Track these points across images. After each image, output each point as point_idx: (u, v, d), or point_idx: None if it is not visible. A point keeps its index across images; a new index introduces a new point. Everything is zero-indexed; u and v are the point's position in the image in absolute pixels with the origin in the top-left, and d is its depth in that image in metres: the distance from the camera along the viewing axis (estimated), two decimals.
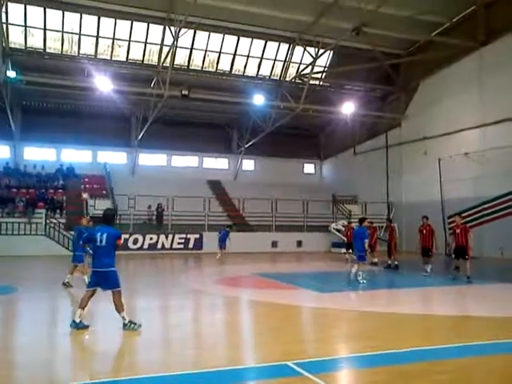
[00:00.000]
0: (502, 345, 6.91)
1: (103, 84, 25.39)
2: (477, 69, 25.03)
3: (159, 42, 26.13)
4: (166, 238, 27.23)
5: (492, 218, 23.10)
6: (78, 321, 7.44)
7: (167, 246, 27.08)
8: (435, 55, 27.11)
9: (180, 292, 12.43)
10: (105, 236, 7.58)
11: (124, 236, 26.57)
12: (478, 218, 23.41)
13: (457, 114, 26.14)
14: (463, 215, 20.47)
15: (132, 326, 7.48)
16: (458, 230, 14.37)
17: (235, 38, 28.37)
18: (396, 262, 17.95)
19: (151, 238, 26.99)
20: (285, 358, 5.94)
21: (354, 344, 7.12)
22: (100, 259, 7.59)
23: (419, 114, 29.33)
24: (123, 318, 7.52)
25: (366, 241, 14.01)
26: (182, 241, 27.48)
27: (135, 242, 26.43)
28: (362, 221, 14.66)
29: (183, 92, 26.23)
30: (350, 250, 21.77)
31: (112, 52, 27.93)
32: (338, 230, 28.97)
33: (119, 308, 7.55)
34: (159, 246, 26.92)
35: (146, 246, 26.64)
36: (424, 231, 15.89)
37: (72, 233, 24.50)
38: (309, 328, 8.85)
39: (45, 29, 25.98)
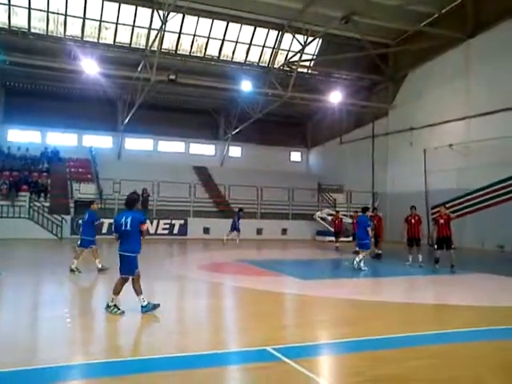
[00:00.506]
0: (480, 332, 7.09)
1: (90, 67, 25.04)
2: (464, 60, 25.15)
3: (147, 26, 25.77)
4: (151, 223, 27.14)
5: (474, 209, 23.37)
6: (111, 304, 7.55)
7: (152, 231, 26.97)
8: (423, 46, 27.13)
9: (164, 277, 12.45)
10: (129, 220, 7.49)
11: (109, 221, 26.50)
12: (461, 210, 23.66)
13: (443, 105, 26.29)
14: (446, 206, 20.76)
15: (114, 309, 7.52)
16: (441, 221, 14.32)
17: (224, 23, 28.12)
18: (379, 251, 18.10)
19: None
20: (264, 343, 6.02)
21: (335, 330, 7.22)
22: (122, 243, 7.59)
23: (406, 105, 29.45)
24: (142, 299, 7.61)
25: (369, 229, 14.29)
26: (167, 226, 27.44)
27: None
28: (364, 210, 14.97)
29: (170, 77, 26.06)
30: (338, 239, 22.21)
31: (99, 34, 27.53)
32: (323, 219, 29.17)
33: (136, 291, 7.63)
34: None
35: None
36: (412, 221, 15.80)
37: (56, 216, 24.48)
38: (290, 314, 8.96)
39: (29, 8, 25.49)
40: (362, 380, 4.90)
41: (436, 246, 14.45)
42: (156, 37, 25.27)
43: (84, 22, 26.68)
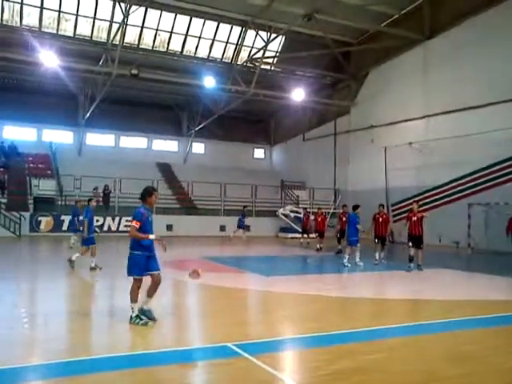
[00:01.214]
0: (438, 324, 7.33)
1: (48, 59, 24.30)
2: (422, 61, 25.76)
3: (109, 19, 25.29)
4: (113, 220, 26.79)
5: (432, 206, 23.99)
6: (133, 316, 6.80)
7: (114, 228, 26.66)
8: (384, 45, 27.66)
9: (124, 274, 12.29)
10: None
11: (69, 218, 25.95)
12: (419, 207, 24.20)
13: (403, 104, 26.86)
14: (405, 203, 21.28)
15: (137, 321, 6.77)
16: (414, 218, 13.84)
17: (187, 18, 27.90)
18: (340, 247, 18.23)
19: (97, 220, 26.37)
20: (226, 339, 6.04)
21: (296, 326, 7.31)
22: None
23: (368, 103, 29.94)
24: (132, 309, 6.89)
25: (359, 226, 14.49)
26: (129, 223, 27.00)
27: (81, 223, 25.79)
28: (355, 207, 15.00)
29: (133, 71, 25.69)
30: (306, 235, 22.27)
31: (58, 26, 26.82)
32: (286, 215, 29.38)
33: (152, 291, 7.03)
34: (105, 228, 26.44)
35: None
36: (380, 219, 15.63)
37: (14, 213, 23.82)
38: (252, 310, 9.00)
39: None
40: (323, 374, 4.97)
41: (410, 244, 13.86)
42: (118, 30, 24.87)
43: (42, 11, 25.89)
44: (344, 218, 17.89)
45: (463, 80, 23.04)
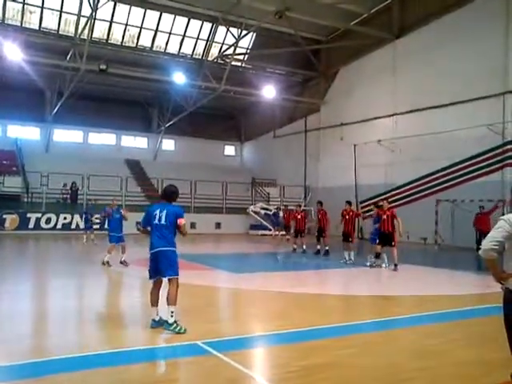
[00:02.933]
0: (406, 319, 7.51)
1: (12, 53, 23.61)
2: (391, 60, 26.11)
3: (76, 12, 24.77)
4: (81, 217, 26.30)
5: (400, 203, 24.38)
6: (170, 322, 6.29)
7: (82, 226, 26.15)
8: (354, 44, 27.96)
9: (96, 272, 12.17)
10: (164, 214, 6.55)
11: (36, 215, 25.50)
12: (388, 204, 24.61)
13: (372, 102, 27.18)
14: (374, 200, 21.55)
15: (177, 327, 6.28)
16: (384, 216, 13.71)
17: (157, 13, 27.61)
18: (326, 248, 17.59)
19: (65, 218, 26.07)
20: (195, 337, 6.02)
21: (266, 323, 7.33)
22: (156, 239, 6.58)
23: (337, 101, 30.19)
24: (171, 313, 6.31)
25: (376, 225, 14.25)
26: (98, 221, 26.65)
27: (48, 221, 25.42)
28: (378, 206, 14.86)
29: (101, 67, 25.22)
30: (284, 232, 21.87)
31: (22, 18, 26.12)
32: (257, 213, 29.43)
33: (171, 299, 6.42)
34: (73, 225, 26.03)
35: (59, 226, 25.73)
36: (347, 217, 15.49)
37: None
38: (221, 308, 9.01)
39: None
40: (292, 370, 5.01)
41: (377, 241, 13.90)
42: (86, 24, 24.41)
43: (5, 3, 25.13)
44: (319, 216, 17.79)
45: (431, 79, 23.46)
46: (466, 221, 20.40)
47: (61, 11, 26.12)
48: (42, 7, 25.80)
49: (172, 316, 6.28)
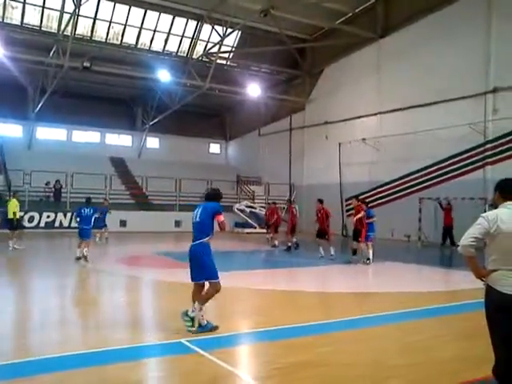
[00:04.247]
0: (387, 316, 7.55)
1: None
2: (376, 59, 26.26)
3: (59, 8, 24.51)
4: (65, 216, 26.14)
5: (384, 201, 24.58)
6: (191, 315, 6.18)
7: (65, 224, 26.01)
8: (339, 43, 28.05)
9: (79, 271, 12.09)
10: (200, 210, 6.43)
11: (19, 214, 25.16)
12: (372, 202, 24.79)
13: (356, 100, 27.31)
14: (360, 198, 21.68)
15: (188, 320, 6.14)
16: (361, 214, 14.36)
17: (142, 10, 27.42)
18: (295, 240, 18.28)
19: (48, 216, 25.80)
20: (179, 335, 6.03)
21: (249, 321, 7.37)
22: (193, 238, 6.46)
23: (322, 99, 30.28)
24: (194, 308, 6.17)
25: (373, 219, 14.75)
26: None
27: (31, 219, 25.13)
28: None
29: (85, 64, 24.96)
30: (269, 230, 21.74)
31: (4, 13, 25.70)
32: (242, 211, 29.44)
33: (201, 297, 6.29)
34: (57, 224, 25.80)
35: (42, 225, 25.45)
36: (318, 214, 15.84)
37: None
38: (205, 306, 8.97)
39: None
40: (276, 368, 5.05)
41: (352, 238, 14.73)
42: (69, 21, 24.15)
43: None
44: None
45: (414, 78, 23.65)
46: None
47: (43, 7, 25.79)
48: (24, 2, 25.44)
49: (193, 311, 6.16)
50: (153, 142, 38.50)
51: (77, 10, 23.13)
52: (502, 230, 3.79)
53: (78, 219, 13.69)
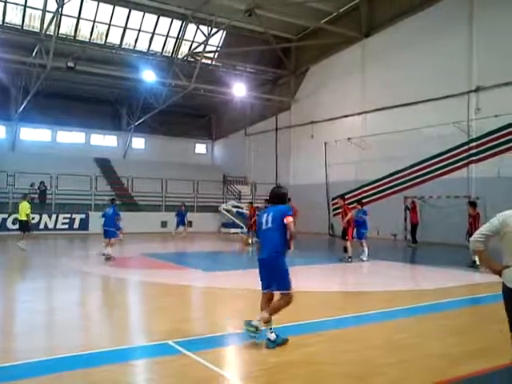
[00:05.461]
0: (375, 315, 7.60)
1: None
2: (360, 58, 26.40)
3: (41, 7, 24.22)
4: (50, 217, 25.89)
5: (370, 200, 24.71)
6: (255, 323, 5.80)
7: (51, 226, 25.78)
8: (324, 42, 28.16)
9: (65, 273, 11.98)
10: (270, 216, 5.92)
11: (2, 216, 24.90)
12: (358, 201, 24.92)
13: (341, 100, 27.44)
14: (346, 197, 21.79)
15: (256, 332, 5.77)
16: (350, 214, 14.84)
17: (126, 10, 27.24)
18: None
19: (33, 218, 25.41)
20: (166, 337, 6.00)
21: (237, 321, 7.32)
22: (263, 248, 5.99)
23: (307, 99, 30.37)
24: (260, 318, 5.79)
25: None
26: (67, 221, 26.29)
27: (15, 222, 24.72)
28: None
29: (69, 64, 24.71)
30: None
31: None
32: (228, 211, 29.40)
33: (271, 307, 5.89)
34: (42, 226, 25.52)
35: (18, 226, 25.13)
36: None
37: None
38: (192, 307, 8.98)
39: None
40: (264, 368, 5.04)
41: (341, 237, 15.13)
42: (52, 20, 23.88)
43: None
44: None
45: (398, 78, 23.82)
46: (433, 217, 20.87)
47: (25, 6, 25.46)
48: (6, 1, 25.08)
49: (259, 320, 5.77)
50: (138, 143, 38.29)
51: (60, 10, 22.90)
52: (510, 228, 3.96)
53: (103, 220, 14.27)
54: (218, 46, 30.98)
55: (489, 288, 9.02)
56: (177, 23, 28.80)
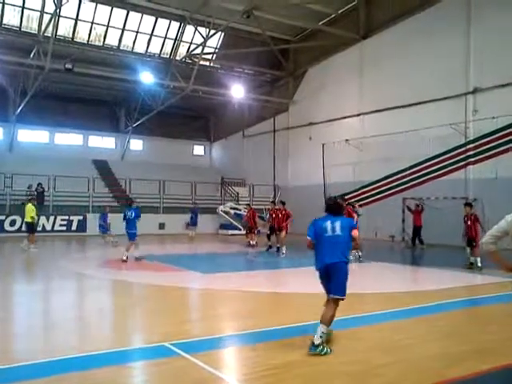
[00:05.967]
0: (373, 316, 7.66)
1: None
2: (358, 60, 26.45)
3: (39, 9, 24.16)
4: (47, 219, 25.86)
5: (368, 201, 24.73)
6: (316, 343, 5.57)
7: (48, 227, 25.74)
8: (322, 44, 28.20)
9: (62, 275, 11.97)
10: (338, 224, 6.06)
11: (0, 217, 24.86)
12: (356, 202, 24.93)
13: (339, 101, 27.47)
14: (345, 198, 21.82)
15: (323, 349, 5.58)
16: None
17: (124, 12, 27.25)
18: (278, 245, 18.03)
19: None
20: (163, 339, 5.99)
21: (235, 323, 7.34)
22: (324, 253, 6.09)
23: (306, 100, 30.39)
24: (321, 333, 5.65)
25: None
26: (65, 223, 26.27)
27: (12, 223, 24.81)
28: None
29: (67, 66, 24.64)
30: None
31: None
32: (226, 213, 29.38)
33: (325, 319, 5.91)
34: (39, 227, 25.45)
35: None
36: (274, 215, 18.08)
37: None
38: (190, 309, 8.97)
39: None
40: (262, 370, 5.03)
41: None
42: (50, 21, 23.87)
43: None
44: (274, 215, 18.32)
45: (396, 79, 23.89)
46: (431, 219, 20.83)
47: (23, 7, 25.46)
48: (4, 3, 25.07)
49: (321, 337, 5.63)
50: (136, 144, 38.29)
51: (58, 11, 22.89)
52: None
53: (125, 222, 14.76)
54: (216, 48, 31.00)
55: (486, 289, 9.04)
56: (175, 25, 28.81)
